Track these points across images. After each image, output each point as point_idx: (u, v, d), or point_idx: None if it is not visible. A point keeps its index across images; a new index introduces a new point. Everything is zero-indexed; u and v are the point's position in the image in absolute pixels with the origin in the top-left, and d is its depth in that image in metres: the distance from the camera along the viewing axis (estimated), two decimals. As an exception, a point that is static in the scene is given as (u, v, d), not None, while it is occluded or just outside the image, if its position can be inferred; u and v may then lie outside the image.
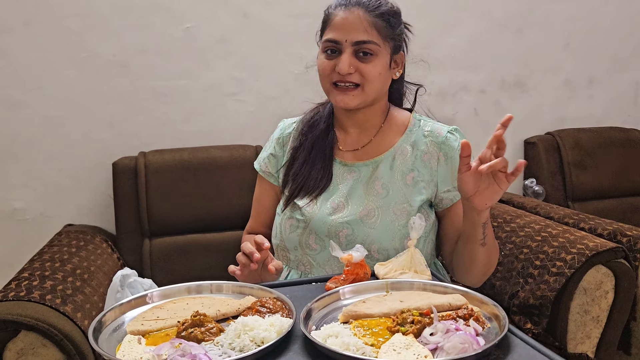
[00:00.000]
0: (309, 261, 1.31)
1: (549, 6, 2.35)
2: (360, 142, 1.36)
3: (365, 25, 1.23)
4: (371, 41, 1.23)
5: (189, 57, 2.07)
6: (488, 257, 1.23)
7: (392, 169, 1.31)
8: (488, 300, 0.95)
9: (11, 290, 1.32)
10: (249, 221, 1.50)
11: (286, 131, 1.44)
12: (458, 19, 2.27)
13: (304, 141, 1.37)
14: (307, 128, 1.39)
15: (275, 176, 1.41)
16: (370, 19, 1.24)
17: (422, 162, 1.31)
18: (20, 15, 1.92)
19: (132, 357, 0.82)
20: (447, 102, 2.31)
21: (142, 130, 2.07)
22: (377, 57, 1.25)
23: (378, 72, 1.26)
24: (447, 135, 1.32)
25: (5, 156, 1.97)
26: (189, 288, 1.08)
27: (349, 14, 1.24)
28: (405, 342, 0.83)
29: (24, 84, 1.96)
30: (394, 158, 1.32)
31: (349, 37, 1.23)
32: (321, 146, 1.35)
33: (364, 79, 1.25)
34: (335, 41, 1.24)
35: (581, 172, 2.30)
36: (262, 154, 1.46)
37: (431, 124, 1.36)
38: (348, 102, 1.26)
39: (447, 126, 1.35)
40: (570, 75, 2.44)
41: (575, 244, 1.53)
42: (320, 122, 1.38)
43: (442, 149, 1.31)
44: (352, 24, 1.23)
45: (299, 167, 1.35)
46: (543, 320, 1.53)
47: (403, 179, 1.30)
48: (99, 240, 1.84)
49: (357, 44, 1.23)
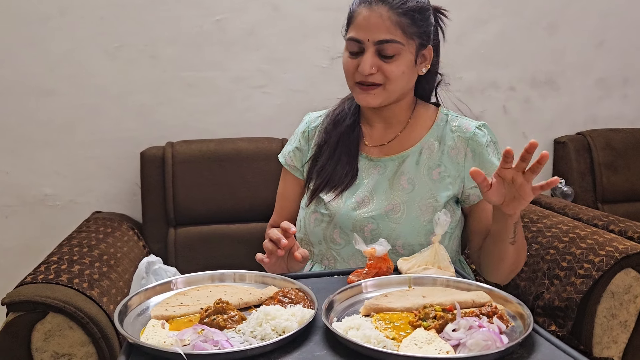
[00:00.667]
0: (333, 255, 1.31)
1: (583, 2, 2.30)
2: (387, 137, 1.35)
3: (388, 24, 1.20)
4: (394, 40, 1.21)
5: (218, 49, 2.08)
6: (517, 255, 1.21)
7: (419, 164, 1.30)
8: (512, 298, 0.94)
9: (40, 273, 1.35)
10: (273, 215, 1.50)
11: (311, 125, 1.43)
12: (489, 15, 2.23)
13: (329, 137, 1.36)
14: (332, 125, 1.38)
15: (301, 170, 1.41)
16: (394, 17, 1.21)
17: (449, 157, 1.29)
18: (56, 5, 1.96)
19: (156, 341, 0.83)
20: (476, 99, 2.28)
21: (170, 120, 2.09)
22: (400, 56, 1.22)
23: (401, 71, 1.23)
24: (475, 130, 1.30)
25: (38, 143, 2.02)
26: (213, 276, 1.09)
27: (372, 13, 1.21)
28: (427, 337, 0.82)
29: (58, 73, 2.00)
30: (421, 153, 1.31)
31: (371, 36, 1.21)
32: (346, 142, 1.34)
33: (386, 79, 1.23)
34: (357, 40, 1.23)
35: (612, 173, 2.25)
36: (287, 147, 1.45)
37: (459, 119, 1.34)
38: (370, 101, 1.26)
39: (475, 121, 1.33)
40: (603, 73, 2.38)
41: (604, 246, 1.50)
42: (346, 118, 1.37)
43: (470, 144, 1.29)
44: (375, 23, 1.20)
45: (324, 162, 1.35)
46: (568, 323, 1.50)
47: (429, 174, 1.29)
48: (125, 227, 1.88)
49: (380, 43, 1.21)
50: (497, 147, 1.32)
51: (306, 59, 2.14)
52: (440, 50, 1.36)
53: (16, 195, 2.04)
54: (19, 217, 2.05)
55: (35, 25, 1.95)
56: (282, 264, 1.18)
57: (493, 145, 1.31)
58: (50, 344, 1.24)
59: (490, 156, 1.29)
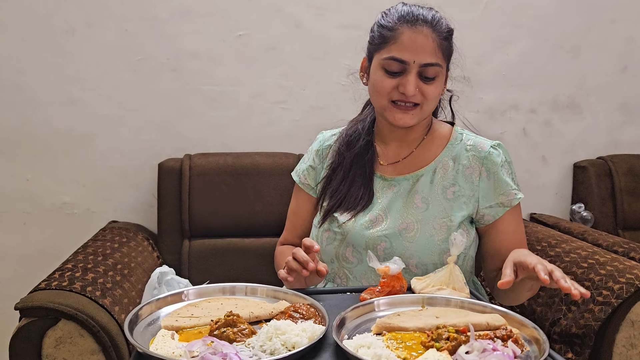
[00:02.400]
0: (346, 274, 1.30)
1: (607, 27, 2.28)
2: (401, 154, 1.35)
3: (433, 47, 1.21)
4: (437, 64, 1.22)
5: (239, 64, 2.10)
6: (533, 289, 1.20)
7: (433, 183, 1.29)
8: (528, 322, 0.92)
9: (54, 280, 1.36)
10: (284, 233, 1.49)
11: (325, 143, 1.43)
12: (512, 36, 2.23)
13: (343, 159, 1.36)
14: (345, 146, 1.37)
15: (314, 188, 1.41)
16: (438, 40, 1.22)
17: (463, 176, 1.28)
18: (82, 17, 2.00)
19: (165, 352, 0.83)
20: (496, 120, 2.26)
21: (189, 133, 2.11)
22: (438, 78, 1.24)
23: (438, 92, 1.26)
24: (490, 150, 1.29)
25: (59, 151, 2.05)
26: (224, 289, 1.09)
27: (418, 34, 1.20)
28: (439, 358, 0.80)
29: (82, 83, 2.03)
30: (435, 172, 1.30)
31: (418, 58, 1.20)
32: (361, 163, 1.34)
33: (424, 99, 1.23)
34: (402, 61, 1.21)
35: (634, 199, 2.21)
36: (301, 165, 1.45)
37: (473, 137, 1.33)
38: (408, 121, 1.25)
39: (490, 141, 1.32)
40: (627, 98, 2.35)
41: (625, 273, 1.46)
42: (360, 139, 1.36)
43: (485, 164, 1.28)
44: (422, 46, 1.20)
45: (337, 184, 1.34)
46: (585, 351, 1.46)
47: (444, 193, 1.28)
48: (140, 238, 1.88)
49: (425, 66, 1.21)
50: (512, 167, 1.31)
51: (326, 76, 2.15)
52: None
53: (35, 202, 2.06)
54: (37, 224, 2.07)
55: (60, 37, 2.00)
56: (301, 279, 1.17)
57: (508, 165, 1.30)
58: (61, 351, 1.24)
59: (505, 176, 1.28)
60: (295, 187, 1.47)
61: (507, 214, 1.27)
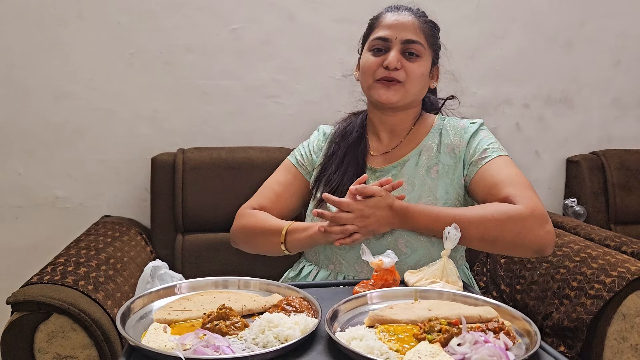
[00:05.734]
0: (339, 260, 1.31)
1: (600, 21, 2.28)
2: (391, 145, 1.40)
3: (414, 27, 1.32)
4: (419, 42, 1.31)
5: (233, 58, 2.09)
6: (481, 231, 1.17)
7: (418, 165, 1.34)
8: (520, 315, 0.92)
9: (46, 274, 1.35)
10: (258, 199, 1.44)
11: (324, 135, 1.49)
12: (505, 31, 2.23)
13: (338, 148, 1.41)
14: (340, 136, 1.43)
15: (310, 173, 1.45)
16: (419, 23, 1.33)
17: (445, 153, 1.33)
18: (74, 10, 1.98)
19: (157, 344, 0.82)
20: (489, 115, 2.27)
21: (182, 127, 2.10)
22: (421, 59, 1.32)
23: (421, 72, 1.32)
24: (469, 125, 1.36)
25: (51, 145, 2.04)
26: (217, 282, 1.08)
27: (400, 16, 1.33)
28: (431, 350, 0.81)
29: (74, 76, 2.02)
30: (420, 155, 1.35)
31: (399, 35, 1.30)
32: (354, 153, 1.39)
33: (407, 77, 1.30)
34: (385, 38, 1.31)
35: (626, 194, 2.22)
36: (300, 149, 1.49)
37: (455, 121, 1.39)
38: (390, 96, 1.31)
39: (470, 119, 1.39)
40: (619, 93, 2.36)
41: (616, 266, 1.47)
42: (353, 131, 1.43)
43: (464, 136, 1.34)
44: (402, 24, 1.31)
45: (331, 173, 1.38)
46: (577, 344, 1.47)
47: (428, 173, 1.32)
48: (133, 232, 1.88)
49: (407, 42, 1.30)
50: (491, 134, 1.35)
51: (320, 70, 2.14)
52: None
53: (27, 197, 2.05)
54: (29, 219, 2.06)
55: (52, 29, 1.98)
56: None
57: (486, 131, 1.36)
58: (53, 345, 1.24)
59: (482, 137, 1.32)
60: (285, 165, 1.47)
61: (491, 163, 1.27)
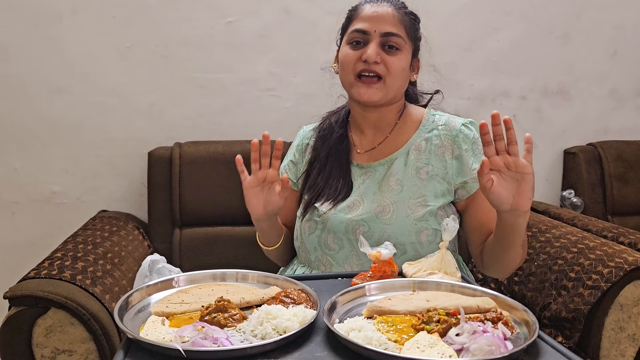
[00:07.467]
0: (329, 261, 1.31)
1: (597, 13, 2.28)
2: (376, 141, 1.37)
3: (393, 20, 1.27)
4: (399, 35, 1.27)
5: (228, 51, 2.08)
6: (523, 252, 1.21)
7: (407, 165, 1.31)
8: (518, 305, 0.92)
9: (44, 269, 1.35)
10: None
11: (304, 139, 1.47)
12: (502, 22, 2.22)
13: (318, 153, 1.39)
14: (320, 140, 1.41)
15: (296, 183, 1.44)
16: (398, 15, 1.28)
17: (436, 156, 1.30)
18: (68, 4, 1.97)
19: (155, 337, 0.82)
20: (486, 107, 2.26)
21: (179, 121, 2.09)
22: (401, 52, 1.28)
23: (402, 66, 1.28)
24: (461, 128, 1.31)
25: (48, 140, 2.03)
26: (215, 275, 1.08)
27: (379, 8, 1.28)
28: (429, 340, 0.81)
29: (69, 71, 2.01)
30: (408, 154, 1.32)
31: (378, 28, 1.26)
32: (337, 154, 1.37)
33: (387, 72, 1.26)
34: (363, 31, 1.27)
35: (623, 185, 2.23)
36: (284, 163, 1.48)
37: (445, 117, 1.35)
38: (371, 94, 1.27)
39: (462, 119, 1.34)
40: (616, 85, 2.36)
41: (614, 257, 1.48)
42: (333, 132, 1.40)
43: (456, 142, 1.30)
44: (382, 16, 1.26)
45: (315, 177, 1.37)
46: (575, 335, 1.48)
47: (417, 173, 1.30)
48: (131, 227, 1.87)
49: (386, 35, 1.26)
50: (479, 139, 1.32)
51: (317, 63, 2.12)
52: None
53: (24, 192, 2.05)
54: (26, 214, 2.06)
55: (47, 24, 1.97)
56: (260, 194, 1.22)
57: (479, 142, 1.30)
58: (51, 339, 1.24)
59: (477, 153, 1.29)
60: None
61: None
